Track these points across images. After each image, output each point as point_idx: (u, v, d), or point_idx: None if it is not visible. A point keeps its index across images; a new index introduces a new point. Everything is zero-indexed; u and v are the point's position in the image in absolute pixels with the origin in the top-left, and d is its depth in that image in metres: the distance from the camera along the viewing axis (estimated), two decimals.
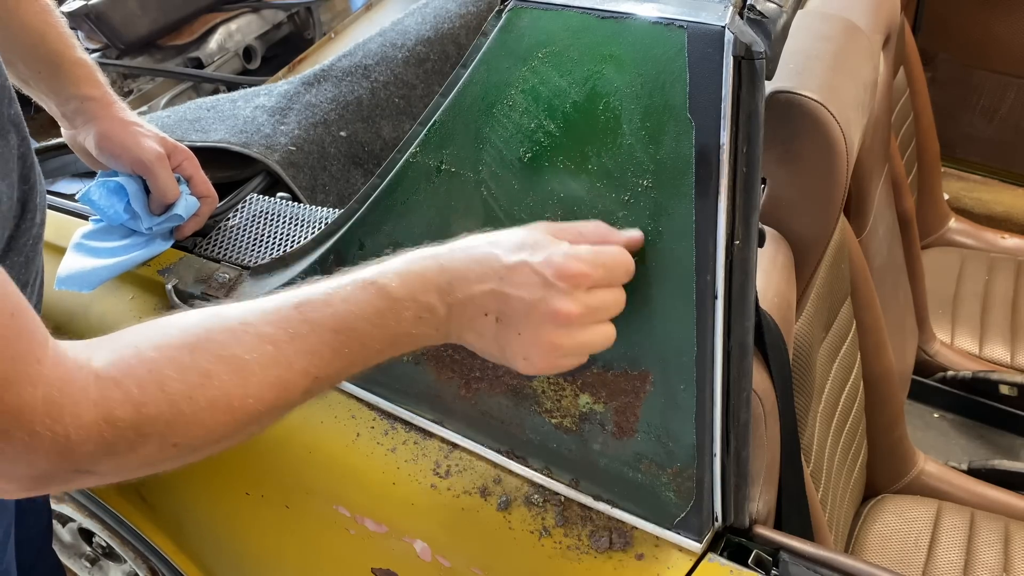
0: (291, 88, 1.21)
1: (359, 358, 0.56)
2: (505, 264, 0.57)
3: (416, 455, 0.79)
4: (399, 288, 0.56)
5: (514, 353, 0.59)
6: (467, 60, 0.65)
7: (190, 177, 0.96)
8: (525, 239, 0.58)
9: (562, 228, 0.60)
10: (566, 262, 0.56)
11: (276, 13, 1.93)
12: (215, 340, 0.51)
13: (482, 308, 0.58)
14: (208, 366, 0.50)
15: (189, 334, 0.51)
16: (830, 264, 1.08)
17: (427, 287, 0.57)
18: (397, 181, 0.71)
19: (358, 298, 0.55)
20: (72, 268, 0.92)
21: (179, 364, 0.50)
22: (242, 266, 0.94)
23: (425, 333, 0.58)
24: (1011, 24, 1.84)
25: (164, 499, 1.01)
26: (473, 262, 0.58)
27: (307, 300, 0.55)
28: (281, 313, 0.54)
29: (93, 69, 0.91)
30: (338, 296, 0.55)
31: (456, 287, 0.57)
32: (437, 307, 0.57)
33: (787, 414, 0.83)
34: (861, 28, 1.06)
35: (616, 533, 0.72)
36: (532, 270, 0.56)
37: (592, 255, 0.57)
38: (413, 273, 0.57)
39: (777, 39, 0.54)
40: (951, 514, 1.25)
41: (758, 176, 0.57)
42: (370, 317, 0.55)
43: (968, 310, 1.74)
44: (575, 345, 0.58)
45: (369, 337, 0.56)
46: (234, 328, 0.52)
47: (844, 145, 0.90)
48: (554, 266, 0.56)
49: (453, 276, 0.57)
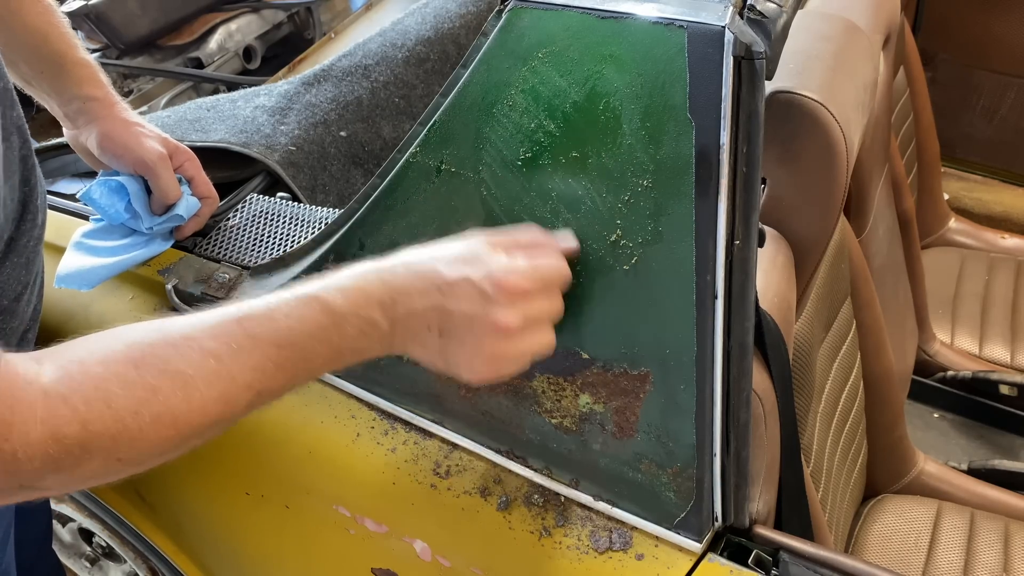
0: (291, 88, 1.21)
1: (302, 372, 0.57)
2: (446, 279, 0.58)
3: (416, 455, 0.79)
4: (342, 304, 0.57)
5: (458, 364, 0.60)
6: (467, 60, 0.65)
7: (191, 178, 0.96)
8: (465, 253, 0.60)
9: (499, 237, 0.62)
10: (506, 277, 0.58)
11: (276, 13, 1.93)
12: (159, 355, 0.52)
13: (425, 322, 0.59)
14: (153, 381, 0.51)
15: (134, 348, 0.52)
16: (830, 264, 1.08)
17: (370, 302, 0.58)
18: (397, 181, 0.71)
19: (301, 314, 0.56)
20: (72, 266, 0.92)
21: (124, 379, 0.50)
22: (242, 266, 0.94)
23: (369, 347, 0.59)
24: (1011, 24, 1.84)
25: (164, 499, 1.01)
26: (415, 277, 0.59)
27: (250, 315, 0.55)
28: (224, 327, 0.54)
29: (95, 69, 0.92)
30: (281, 311, 0.56)
31: (398, 302, 0.58)
32: (380, 322, 0.58)
33: (787, 414, 0.83)
34: (861, 28, 1.06)
35: (616, 533, 0.72)
36: (473, 285, 0.58)
37: (530, 270, 0.59)
38: (356, 289, 0.58)
39: (777, 39, 0.54)
40: (951, 514, 1.25)
41: (758, 176, 0.57)
42: (313, 332, 0.56)
43: (968, 310, 1.74)
44: (517, 354, 0.60)
45: (312, 352, 0.56)
46: (177, 343, 0.52)
47: (844, 145, 0.90)
48: (494, 281, 0.58)
49: (395, 291, 0.58)
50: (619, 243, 0.62)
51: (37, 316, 0.85)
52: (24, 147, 0.77)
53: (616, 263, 0.63)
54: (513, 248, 0.61)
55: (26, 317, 0.82)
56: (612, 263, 0.63)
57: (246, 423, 0.86)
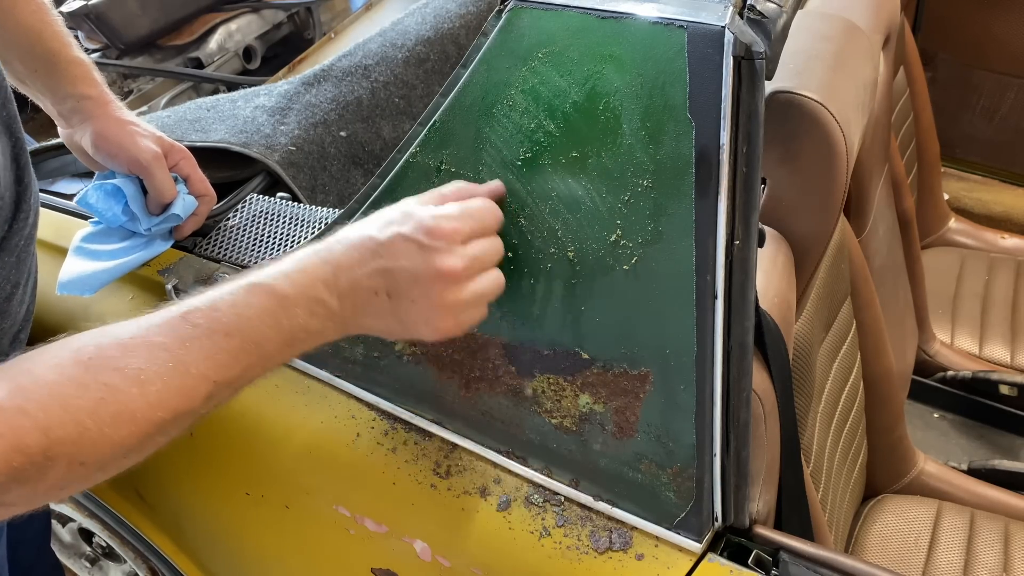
0: (291, 88, 1.21)
1: (257, 360, 0.57)
2: (379, 241, 0.59)
3: (416, 455, 0.79)
4: (286, 287, 0.57)
5: (415, 322, 0.61)
6: (467, 60, 0.65)
7: (187, 176, 0.96)
8: (392, 214, 0.61)
9: (425, 195, 0.63)
10: (436, 222, 0.59)
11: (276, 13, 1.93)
12: (108, 355, 0.52)
13: (371, 289, 0.60)
14: (106, 379, 0.50)
15: (82, 353, 0.51)
16: (830, 264, 1.08)
17: (313, 281, 0.58)
18: (397, 181, 0.71)
19: (247, 301, 0.56)
20: (73, 272, 0.92)
21: (78, 382, 0.50)
22: (242, 266, 0.94)
23: (322, 328, 0.60)
24: (1011, 24, 1.84)
25: (164, 499, 1.01)
26: (351, 248, 0.60)
27: (193, 308, 0.55)
28: (169, 323, 0.54)
29: (90, 68, 0.91)
30: (224, 302, 0.56)
31: (340, 276, 0.59)
32: (327, 299, 0.59)
33: (787, 414, 0.83)
34: (861, 28, 1.06)
35: (616, 533, 0.72)
36: (406, 239, 0.59)
37: (459, 210, 0.61)
38: (297, 271, 0.59)
39: (777, 39, 0.54)
40: (951, 514, 1.25)
41: (758, 176, 0.57)
42: (262, 318, 0.56)
43: (968, 310, 1.74)
44: (470, 297, 0.61)
45: (264, 337, 0.56)
46: (125, 342, 0.52)
47: (844, 145, 0.90)
48: (425, 229, 0.59)
49: (335, 266, 0.59)
50: (619, 243, 0.62)
51: (29, 316, 0.85)
52: (16, 145, 0.77)
53: (616, 263, 0.63)
54: (439, 199, 0.62)
55: (18, 317, 0.81)
56: (612, 263, 0.63)
57: (246, 423, 0.86)
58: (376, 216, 0.62)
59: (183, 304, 0.56)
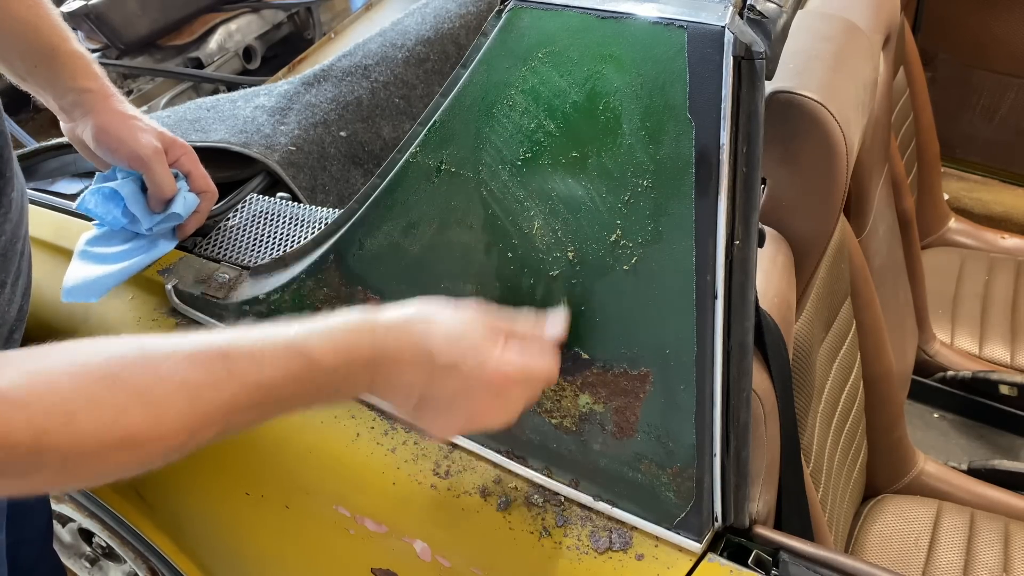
0: (291, 88, 1.21)
1: (272, 413, 0.57)
2: (436, 363, 0.59)
3: (416, 455, 0.79)
4: (331, 361, 0.57)
5: (426, 425, 0.63)
6: (467, 60, 0.64)
7: (188, 172, 0.95)
8: (460, 335, 0.60)
9: (497, 323, 0.62)
10: (494, 376, 0.59)
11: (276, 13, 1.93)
12: (134, 379, 0.50)
13: (405, 391, 0.60)
14: (123, 403, 0.49)
15: (112, 364, 0.50)
16: (830, 264, 1.08)
17: (357, 362, 0.58)
18: (397, 181, 0.71)
19: (288, 367, 0.55)
20: (77, 278, 0.91)
21: (93, 398, 0.48)
22: (242, 266, 0.94)
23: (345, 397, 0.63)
24: (1011, 24, 1.84)
25: (164, 499, 1.01)
26: (406, 349, 0.59)
27: (235, 351, 0.54)
28: (208, 359, 0.53)
29: (89, 61, 0.90)
30: (267, 358, 0.55)
31: (385, 367, 0.59)
32: (361, 381, 0.59)
33: (787, 414, 0.83)
34: (861, 28, 1.06)
35: (616, 533, 0.72)
36: (461, 376, 0.59)
37: (521, 371, 0.60)
38: (345, 347, 0.58)
39: (777, 39, 0.54)
40: (951, 514, 1.25)
41: (758, 176, 0.57)
42: (294, 384, 0.56)
43: (968, 310, 1.74)
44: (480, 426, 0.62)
45: (289, 398, 0.56)
46: (158, 368, 0.51)
47: (844, 145, 0.90)
48: (483, 378, 0.59)
49: (384, 356, 0.59)
50: (619, 243, 0.62)
51: (23, 316, 0.84)
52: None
53: (616, 263, 0.63)
54: (509, 338, 0.62)
55: (9, 317, 0.80)
56: (612, 263, 0.63)
57: None
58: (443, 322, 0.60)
59: (227, 339, 0.54)
